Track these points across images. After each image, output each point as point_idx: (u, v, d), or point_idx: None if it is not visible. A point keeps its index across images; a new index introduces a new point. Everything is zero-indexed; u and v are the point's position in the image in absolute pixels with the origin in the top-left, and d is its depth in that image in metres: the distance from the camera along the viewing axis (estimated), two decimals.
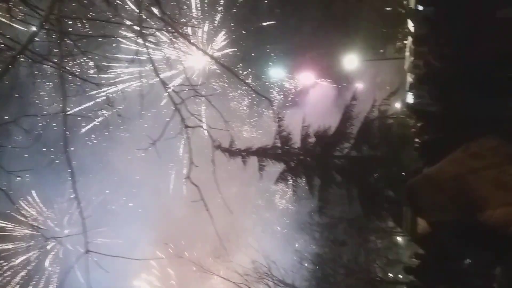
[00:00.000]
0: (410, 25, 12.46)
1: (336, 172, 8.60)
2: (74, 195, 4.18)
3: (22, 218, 19.07)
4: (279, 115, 8.96)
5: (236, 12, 21.43)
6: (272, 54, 22.33)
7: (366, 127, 8.81)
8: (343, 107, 8.97)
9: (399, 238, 13.99)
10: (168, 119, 5.13)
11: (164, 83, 5.01)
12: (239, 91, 21.72)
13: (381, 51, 20.04)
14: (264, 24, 21.61)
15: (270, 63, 22.53)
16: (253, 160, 8.97)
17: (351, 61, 18.56)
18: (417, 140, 8.94)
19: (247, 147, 9.08)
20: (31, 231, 20.23)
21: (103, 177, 19.62)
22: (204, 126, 5.15)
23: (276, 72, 22.42)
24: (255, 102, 21.36)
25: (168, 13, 5.14)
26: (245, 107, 21.68)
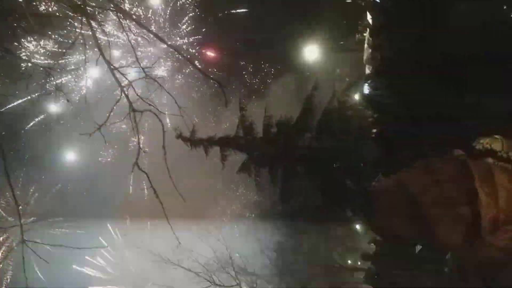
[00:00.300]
0: (369, 17, 12.69)
1: (299, 162, 8.71)
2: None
3: None
4: (241, 105, 8.92)
5: None
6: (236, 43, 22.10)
7: (326, 118, 8.96)
8: (304, 98, 9.10)
9: (357, 226, 14.44)
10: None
11: (108, 63, 4.73)
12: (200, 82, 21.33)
13: (342, 43, 20.33)
14: (233, 11, 21.21)
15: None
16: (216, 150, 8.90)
17: (312, 52, 18.73)
18: (374, 130, 9.24)
19: (209, 136, 8.98)
20: None
21: (58, 167, 18.87)
22: (154, 111, 4.92)
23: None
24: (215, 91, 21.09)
25: None
26: (208, 96, 21.33)
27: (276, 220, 14.25)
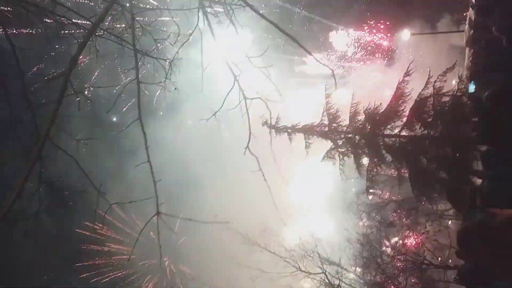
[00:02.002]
0: None
1: (386, 151, 8.30)
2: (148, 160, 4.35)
3: None
4: (327, 92, 8.72)
5: None
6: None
7: (420, 105, 8.38)
8: (396, 84, 8.59)
9: (450, 222, 13.43)
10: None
11: (223, 56, 5.07)
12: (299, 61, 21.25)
13: (436, 24, 18.91)
14: None
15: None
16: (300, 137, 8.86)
17: (403, 34, 17.64)
18: (474, 119, 8.41)
19: (293, 124, 8.96)
20: None
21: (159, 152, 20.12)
22: (262, 98, 5.24)
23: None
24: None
25: None
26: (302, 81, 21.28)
27: (362, 211, 13.83)
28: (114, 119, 20.88)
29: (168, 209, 4.74)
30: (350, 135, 8.49)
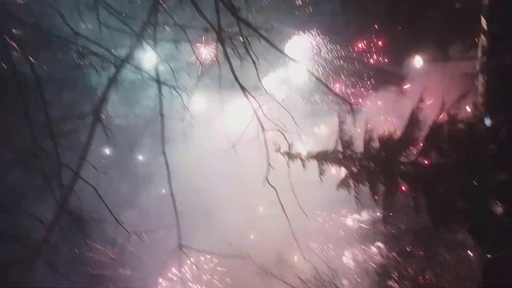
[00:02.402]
0: (483, 22, 11.66)
1: (402, 179, 8.19)
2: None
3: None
4: (341, 118, 8.73)
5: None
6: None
7: (435, 132, 8.32)
8: (410, 110, 8.57)
9: (470, 252, 13.05)
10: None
11: (243, 87, 5.19)
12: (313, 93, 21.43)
13: (448, 51, 19.01)
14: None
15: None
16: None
17: (416, 61, 17.76)
18: (492, 146, 8.30)
19: (307, 150, 8.94)
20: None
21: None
22: (281, 130, 5.33)
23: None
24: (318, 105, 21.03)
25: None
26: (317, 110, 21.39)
27: (378, 241, 13.58)
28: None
29: (184, 239, 4.73)
30: (365, 163, 8.42)
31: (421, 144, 8.31)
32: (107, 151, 19.21)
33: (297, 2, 21.76)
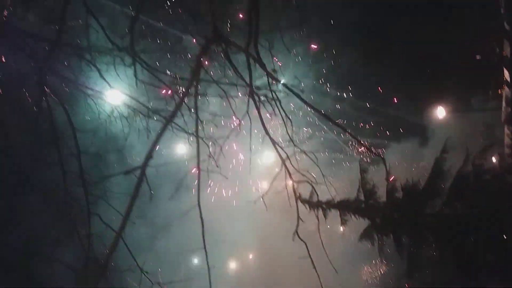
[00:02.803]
0: (506, 74, 11.77)
1: (428, 231, 8.01)
2: None
3: None
4: (362, 167, 8.73)
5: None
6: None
7: (460, 183, 8.20)
8: (433, 160, 8.52)
9: None
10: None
11: (272, 140, 5.39)
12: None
13: (470, 101, 19.01)
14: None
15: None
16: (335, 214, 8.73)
17: (438, 112, 17.79)
18: None
19: (328, 199, 8.88)
20: None
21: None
22: (310, 182, 5.44)
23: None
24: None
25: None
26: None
27: None
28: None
29: None
30: (388, 213, 8.30)
31: (446, 195, 8.19)
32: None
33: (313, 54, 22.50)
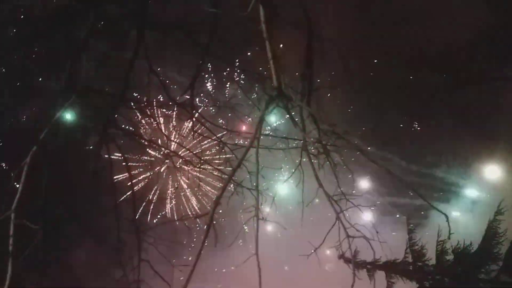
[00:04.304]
0: None
1: None
2: None
3: None
4: (411, 225, 8.46)
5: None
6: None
7: None
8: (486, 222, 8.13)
9: None
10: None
11: (327, 194, 5.53)
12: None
13: None
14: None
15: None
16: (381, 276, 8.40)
17: (491, 171, 17.05)
18: None
19: (373, 259, 8.58)
20: None
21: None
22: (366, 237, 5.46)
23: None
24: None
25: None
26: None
27: None
28: None
29: None
30: (438, 277, 7.91)
31: (501, 260, 7.71)
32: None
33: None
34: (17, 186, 5.46)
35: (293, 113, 5.98)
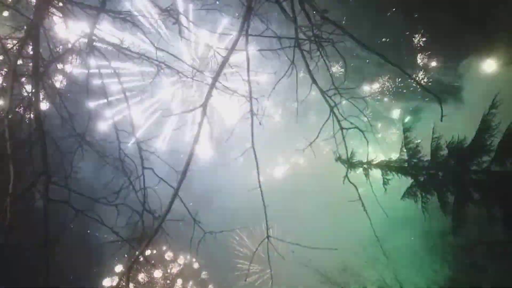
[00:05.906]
0: None
1: (474, 188, 7.79)
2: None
3: None
4: (406, 124, 8.48)
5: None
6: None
7: (509, 139, 7.83)
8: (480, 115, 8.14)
9: None
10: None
11: (321, 91, 5.41)
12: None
13: None
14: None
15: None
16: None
17: (489, 65, 16.79)
18: None
19: (369, 159, 8.74)
20: None
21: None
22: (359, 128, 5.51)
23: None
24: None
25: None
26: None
27: (448, 253, 12.90)
28: None
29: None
30: (432, 171, 8.11)
31: (494, 152, 7.87)
32: None
33: None
34: None
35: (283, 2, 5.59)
